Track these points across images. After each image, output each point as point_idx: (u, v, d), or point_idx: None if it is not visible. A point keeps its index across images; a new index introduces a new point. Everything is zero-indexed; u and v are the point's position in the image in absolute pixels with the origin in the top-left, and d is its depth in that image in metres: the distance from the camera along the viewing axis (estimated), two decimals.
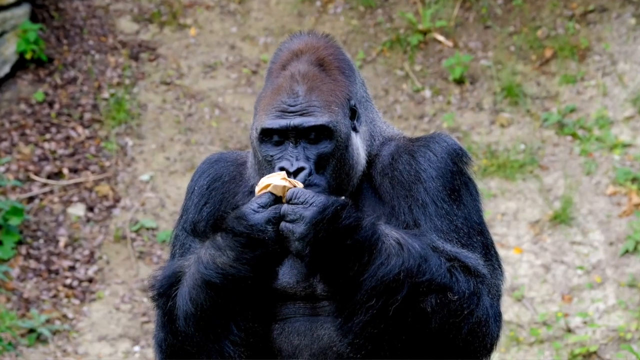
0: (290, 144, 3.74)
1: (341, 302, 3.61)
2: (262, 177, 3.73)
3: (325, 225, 3.54)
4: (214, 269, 3.63)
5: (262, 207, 3.60)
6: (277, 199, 3.64)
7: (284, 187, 3.62)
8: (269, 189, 3.64)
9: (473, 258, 3.70)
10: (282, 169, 3.70)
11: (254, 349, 3.74)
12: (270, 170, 3.76)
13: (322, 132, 3.75)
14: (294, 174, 3.70)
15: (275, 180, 3.64)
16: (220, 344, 3.69)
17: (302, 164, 3.72)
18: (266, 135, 3.76)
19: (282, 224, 3.58)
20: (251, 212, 3.58)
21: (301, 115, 3.75)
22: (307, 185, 3.69)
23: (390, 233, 3.61)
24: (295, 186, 3.63)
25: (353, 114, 3.86)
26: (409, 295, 3.56)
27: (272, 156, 3.76)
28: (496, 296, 3.77)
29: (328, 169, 3.77)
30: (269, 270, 3.65)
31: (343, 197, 3.66)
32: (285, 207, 3.58)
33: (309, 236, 3.54)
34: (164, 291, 3.79)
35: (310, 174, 3.71)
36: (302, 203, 3.56)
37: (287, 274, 3.78)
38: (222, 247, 3.62)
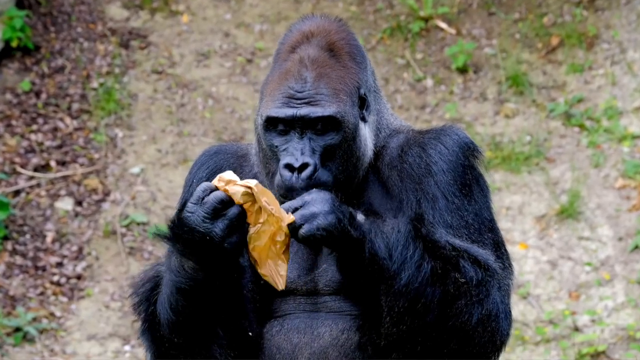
0: (296, 135, 3.74)
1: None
2: (267, 167, 3.78)
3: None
4: (184, 275, 3.62)
5: (197, 203, 3.55)
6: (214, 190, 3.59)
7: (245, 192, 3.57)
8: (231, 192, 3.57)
9: (484, 253, 3.69)
10: (287, 165, 3.70)
11: (244, 347, 3.75)
12: (275, 160, 3.76)
13: (329, 123, 3.74)
14: (298, 170, 3.70)
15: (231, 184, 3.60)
16: (207, 348, 3.70)
17: (307, 159, 3.71)
18: (271, 123, 3.76)
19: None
20: (188, 215, 3.54)
21: (308, 103, 3.74)
22: (313, 184, 3.69)
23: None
24: (249, 186, 3.55)
25: (362, 102, 3.86)
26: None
27: (276, 146, 3.76)
28: (506, 294, 3.77)
29: (335, 161, 3.77)
30: (234, 265, 3.63)
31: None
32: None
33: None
34: (145, 297, 3.79)
35: (315, 170, 3.71)
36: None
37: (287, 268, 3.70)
38: (183, 252, 3.59)
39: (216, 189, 3.53)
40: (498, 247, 3.81)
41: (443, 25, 11.18)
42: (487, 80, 10.79)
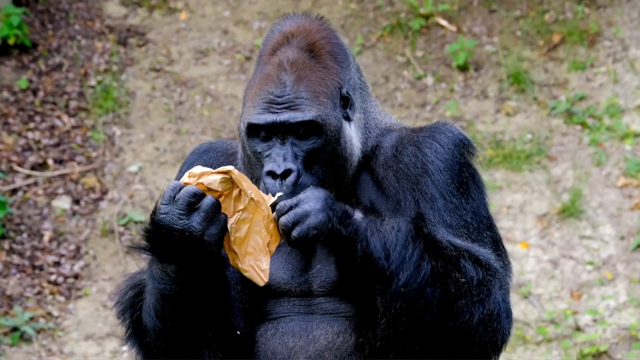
0: (278, 141, 3.73)
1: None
2: (253, 172, 3.77)
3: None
4: (167, 281, 3.60)
5: (169, 203, 3.52)
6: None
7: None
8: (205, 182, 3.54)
9: (485, 252, 3.69)
10: (269, 172, 3.70)
11: (233, 348, 3.75)
12: (260, 165, 3.75)
13: (310, 128, 3.73)
14: (281, 177, 3.69)
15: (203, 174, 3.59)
16: (196, 350, 3.72)
17: (289, 165, 3.70)
18: (253, 130, 3.76)
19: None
20: (162, 216, 3.52)
21: (288, 108, 3.73)
22: (298, 190, 3.67)
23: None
24: (226, 171, 3.55)
25: (346, 102, 3.84)
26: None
27: (260, 153, 3.76)
28: (507, 292, 3.78)
29: (320, 165, 3.76)
30: (217, 261, 3.60)
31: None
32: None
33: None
34: (130, 304, 3.79)
35: (298, 176, 3.70)
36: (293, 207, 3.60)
37: (281, 269, 3.77)
38: (163, 257, 3.57)
39: (185, 185, 3.51)
40: (497, 245, 3.81)
41: (443, 22, 11.18)
42: (488, 78, 10.79)
